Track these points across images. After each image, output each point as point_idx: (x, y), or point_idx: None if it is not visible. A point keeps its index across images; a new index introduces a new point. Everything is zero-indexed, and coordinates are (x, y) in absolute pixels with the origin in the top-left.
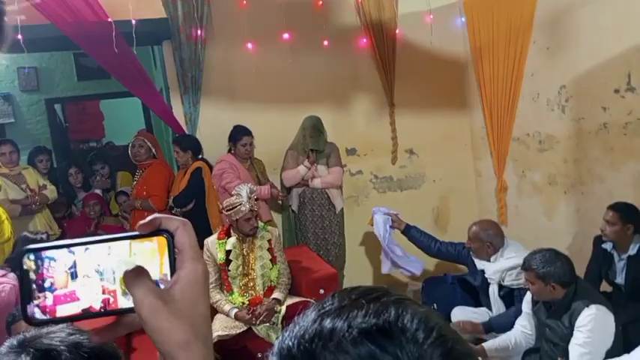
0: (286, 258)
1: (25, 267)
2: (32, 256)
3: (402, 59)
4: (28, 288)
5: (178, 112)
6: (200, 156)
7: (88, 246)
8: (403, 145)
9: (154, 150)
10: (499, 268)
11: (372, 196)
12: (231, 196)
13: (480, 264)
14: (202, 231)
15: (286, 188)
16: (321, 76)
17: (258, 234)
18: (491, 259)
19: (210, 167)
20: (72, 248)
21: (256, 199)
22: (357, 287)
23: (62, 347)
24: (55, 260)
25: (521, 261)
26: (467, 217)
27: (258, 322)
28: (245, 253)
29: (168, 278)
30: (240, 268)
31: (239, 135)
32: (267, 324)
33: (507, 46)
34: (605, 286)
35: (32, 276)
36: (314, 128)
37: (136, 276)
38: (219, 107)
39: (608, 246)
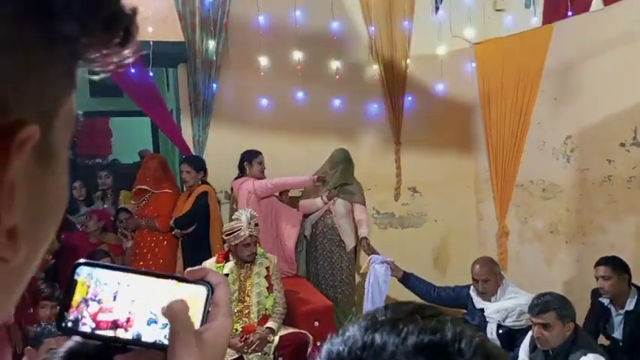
0: (283, 287)
1: (75, 277)
2: (85, 270)
3: (411, 99)
4: (70, 298)
5: (187, 134)
6: (205, 178)
7: (136, 275)
8: (407, 183)
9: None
10: (500, 307)
11: (374, 231)
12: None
13: (479, 303)
14: (202, 255)
15: (303, 216)
16: (330, 107)
17: (256, 261)
18: (492, 298)
19: (215, 191)
20: (121, 273)
21: (256, 225)
22: (410, 302)
23: None
24: (103, 280)
25: (522, 302)
26: (467, 259)
27: (250, 351)
28: (242, 279)
29: (196, 327)
30: (236, 294)
31: (255, 154)
32: (259, 353)
33: (516, 94)
34: (602, 340)
35: (79, 288)
36: (347, 163)
37: (180, 308)
38: (228, 132)
39: (605, 300)
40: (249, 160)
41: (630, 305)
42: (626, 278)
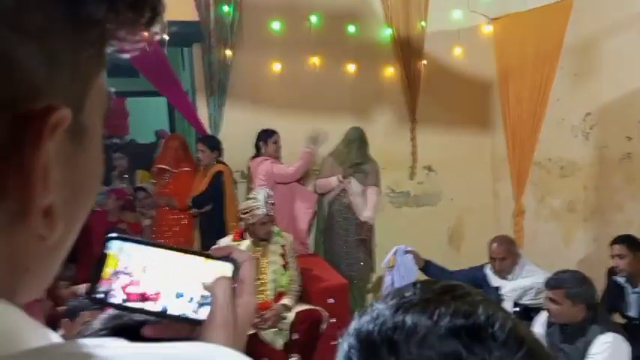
0: (299, 265)
1: (106, 250)
2: (116, 244)
3: (427, 75)
4: (101, 270)
5: (202, 113)
6: (221, 158)
7: (166, 250)
8: (422, 161)
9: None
10: (518, 285)
11: (388, 210)
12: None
13: (495, 281)
14: (217, 233)
15: (319, 195)
16: (344, 86)
17: (272, 239)
18: (509, 276)
19: (230, 171)
20: (151, 248)
21: (272, 204)
22: (438, 281)
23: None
24: (134, 254)
25: (540, 280)
26: (482, 238)
27: (265, 327)
28: (258, 257)
29: None
30: None
31: (270, 133)
32: (275, 329)
33: (534, 70)
34: (617, 318)
35: (110, 261)
36: (362, 141)
37: (225, 285)
38: (243, 111)
39: (621, 279)
40: (265, 139)
41: None
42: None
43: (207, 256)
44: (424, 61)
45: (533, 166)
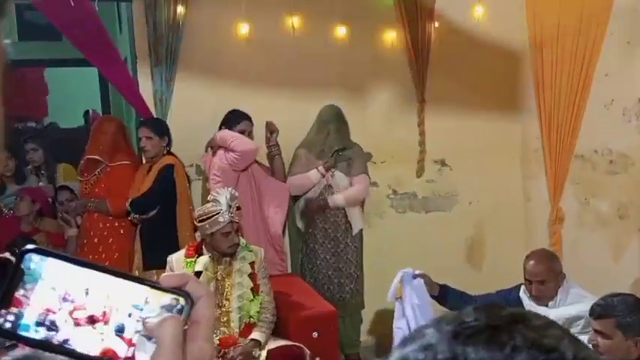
0: (272, 288)
1: (21, 266)
2: (35, 259)
3: (439, 44)
4: (12, 291)
5: (146, 89)
6: (169, 148)
7: (100, 273)
8: (433, 154)
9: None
10: (560, 315)
11: (389, 216)
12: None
13: (532, 309)
14: (168, 246)
15: (292, 198)
16: (333, 56)
17: (238, 254)
18: (550, 303)
19: (183, 165)
20: (81, 268)
21: (238, 208)
22: (505, 305)
23: None
24: (53, 273)
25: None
26: (509, 252)
27: None
28: (219, 278)
29: None
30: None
31: (237, 119)
32: None
33: (576, 38)
34: None
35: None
36: (339, 121)
37: (172, 328)
38: (200, 87)
39: None
40: (229, 125)
41: None
42: None
43: (153, 287)
44: (435, 24)
45: (574, 159)
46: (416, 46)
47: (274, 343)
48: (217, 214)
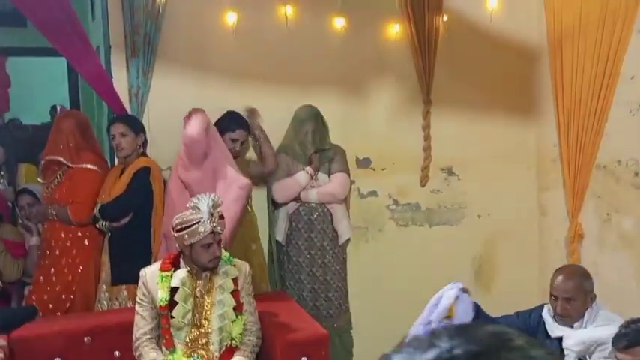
0: (257, 307)
1: None
2: None
3: (448, 40)
4: None
5: (121, 83)
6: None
7: None
8: (439, 161)
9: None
10: (588, 337)
11: (389, 229)
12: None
13: (555, 329)
14: (140, 258)
15: (273, 205)
16: (330, 52)
17: (219, 269)
18: (575, 324)
19: (160, 169)
20: None
21: (221, 217)
22: (477, 327)
23: None
24: None
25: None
26: (521, 272)
27: None
28: (198, 295)
29: None
30: (189, 316)
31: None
32: None
33: (600, 35)
34: None
35: None
36: (317, 121)
37: None
38: (181, 81)
39: None
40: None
41: None
42: None
43: None
44: (444, 17)
45: (596, 170)
46: (422, 42)
47: None
48: (197, 223)
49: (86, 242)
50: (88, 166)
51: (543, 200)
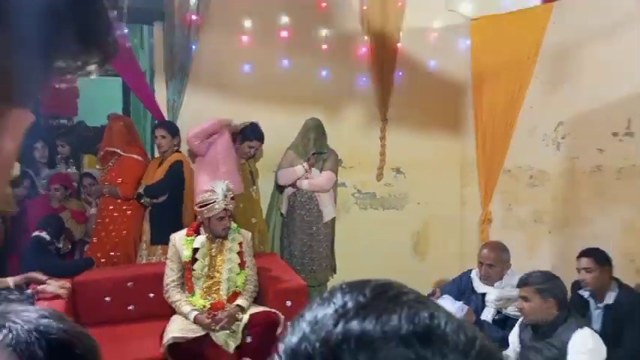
0: (256, 265)
1: None
2: None
3: (400, 74)
4: None
5: (161, 97)
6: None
7: None
8: (391, 163)
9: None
10: (503, 295)
11: (353, 211)
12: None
13: (480, 287)
14: (172, 226)
15: (278, 188)
16: (315, 80)
17: (229, 236)
18: (496, 284)
19: (189, 162)
20: None
21: (232, 198)
22: (365, 282)
23: (24, 327)
24: None
25: None
26: (447, 245)
27: (218, 328)
28: (213, 254)
29: None
30: (206, 269)
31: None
32: (227, 331)
33: (510, 76)
34: None
35: None
36: (318, 130)
37: None
38: (206, 98)
39: (585, 293)
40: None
41: (610, 299)
42: (608, 271)
43: None
44: (399, 73)
45: (502, 173)
46: (382, 78)
47: (255, 309)
48: (214, 202)
49: (129, 213)
50: (134, 156)
51: (464, 193)
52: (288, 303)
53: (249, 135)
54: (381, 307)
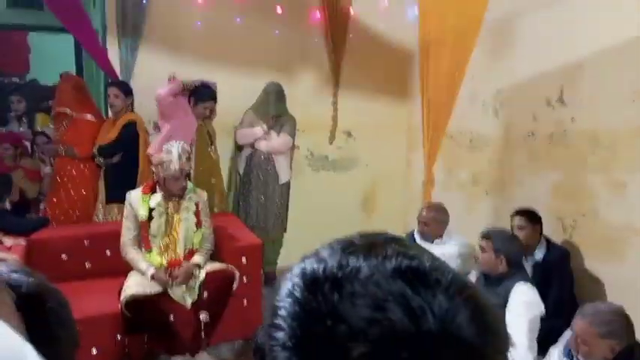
0: (212, 224)
1: None
2: None
3: (352, 40)
4: None
5: (114, 56)
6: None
7: None
8: (342, 127)
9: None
10: (445, 252)
11: (306, 173)
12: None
13: (422, 244)
14: (127, 185)
15: (237, 147)
16: (269, 42)
17: (186, 195)
18: (436, 240)
19: (143, 121)
20: None
21: (188, 159)
22: (383, 232)
23: None
24: None
25: (466, 251)
26: (393, 204)
27: (174, 284)
28: (169, 213)
29: None
30: (163, 228)
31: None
32: (184, 287)
33: (454, 45)
34: None
35: None
36: (278, 95)
37: None
38: (159, 58)
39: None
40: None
41: (539, 255)
42: (538, 229)
43: None
44: (350, 29)
45: (445, 138)
46: (335, 44)
47: (211, 266)
48: (169, 162)
49: (86, 172)
50: (87, 116)
51: (410, 156)
52: (244, 260)
53: (202, 96)
54: (387, 246)
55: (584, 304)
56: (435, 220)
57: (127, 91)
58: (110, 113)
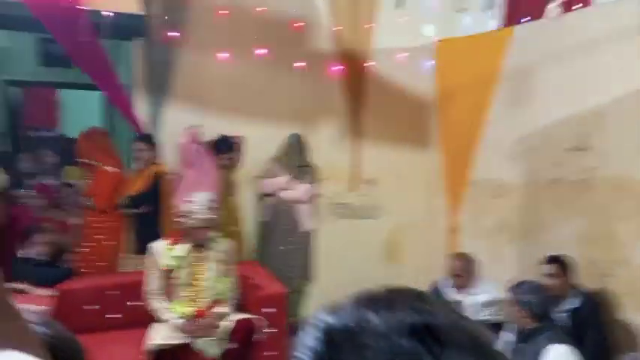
0: (237, 272)
1: None
2: None
3: (371, 91)
4: None
5: (140, 111)
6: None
7: None
8: (365, 175)
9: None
10: (477, 301)
11: (329, 221)
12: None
13: (452, 295)
14: (151, 236)
15: (261, 195)
16: (291, 95)
17: (210, 244)
18: (471, 290)
19: (168, 172)
20: None
21: (213, 208)
22: (404, 289)
23: None
24: None
25: (499, 296)
26: (417, 252)
27: (199, 335)
28: (194, 263)
29: None
30: (187, 278)
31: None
32: (208, 338)
33: (473, 94)
34: None
35: None
36: (301, 146)
37: None
38: (185, 112)
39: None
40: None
41: (573, 304)
42: (569, 277)
43: None
44: (369, 92)
45: (468, 185)
46: (353, 94)
47: (237, 316)
48: (197, 212)
49: (108, 224)
50: (108, 168)
51: (432, 203)
52: (269, 309)
53: (221, 148)
54: (405, 303)
55: (621, 356)
56: (467, 271)
57: (152, 143)
58: (134, 166)
